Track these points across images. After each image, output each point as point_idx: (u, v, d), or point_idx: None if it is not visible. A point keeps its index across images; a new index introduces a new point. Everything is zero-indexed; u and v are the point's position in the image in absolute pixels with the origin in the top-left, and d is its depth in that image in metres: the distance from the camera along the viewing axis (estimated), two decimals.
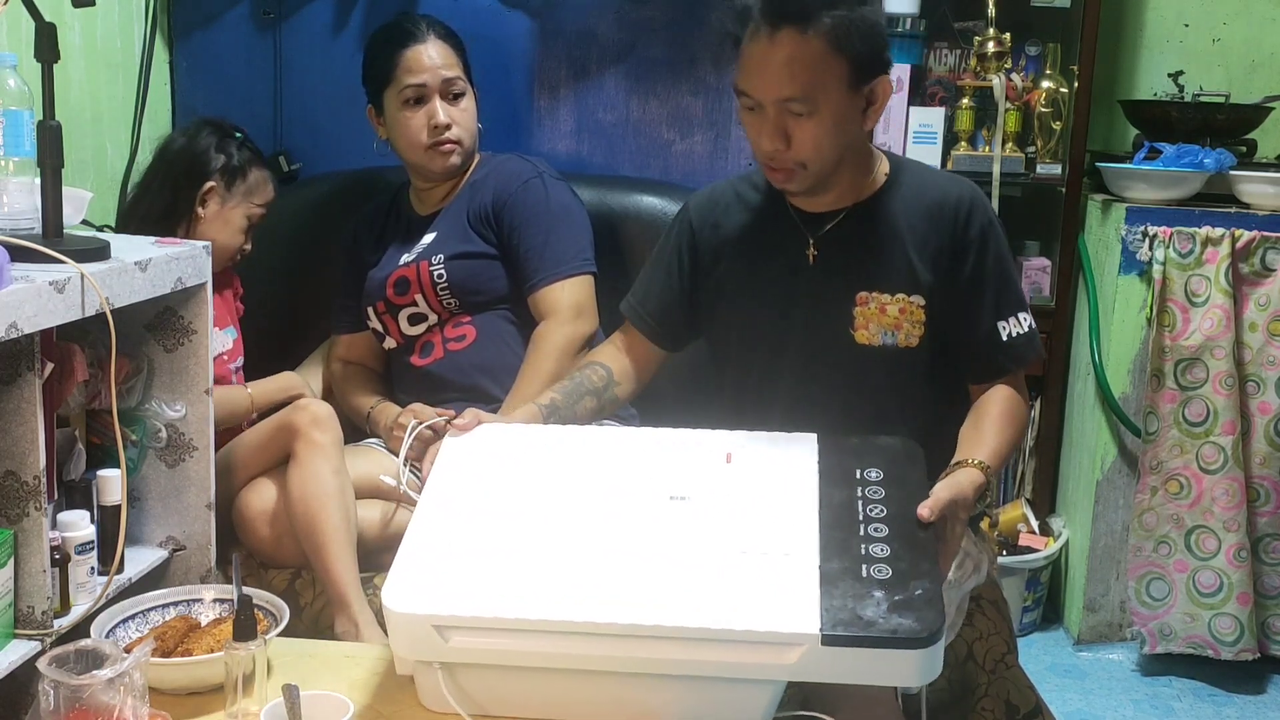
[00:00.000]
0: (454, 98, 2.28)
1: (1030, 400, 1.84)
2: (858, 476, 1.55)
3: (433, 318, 2.29)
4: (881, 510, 1.49)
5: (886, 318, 1.76)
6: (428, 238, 2.31)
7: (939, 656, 1.33)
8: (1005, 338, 1.76)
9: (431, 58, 2.26)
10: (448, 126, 2.26)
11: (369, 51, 2.33)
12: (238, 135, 2.28)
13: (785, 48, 1.61)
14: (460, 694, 1.42)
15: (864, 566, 1.39)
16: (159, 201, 2.21)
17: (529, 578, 1.41)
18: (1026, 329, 1.77)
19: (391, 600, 1.39)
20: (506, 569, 1.43)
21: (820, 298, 1.78)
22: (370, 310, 2.34)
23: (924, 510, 1.47)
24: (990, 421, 1.71)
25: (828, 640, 1.31)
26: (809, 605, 1.34)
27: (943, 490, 1.51)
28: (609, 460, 1.63)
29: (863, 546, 1.42)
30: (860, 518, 1.48)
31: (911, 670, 1.32)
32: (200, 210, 2.21)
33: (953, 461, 1.64)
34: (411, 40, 2.27)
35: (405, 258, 2.31)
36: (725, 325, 1.88)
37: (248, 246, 2.28)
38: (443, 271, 2.25)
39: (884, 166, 1.80)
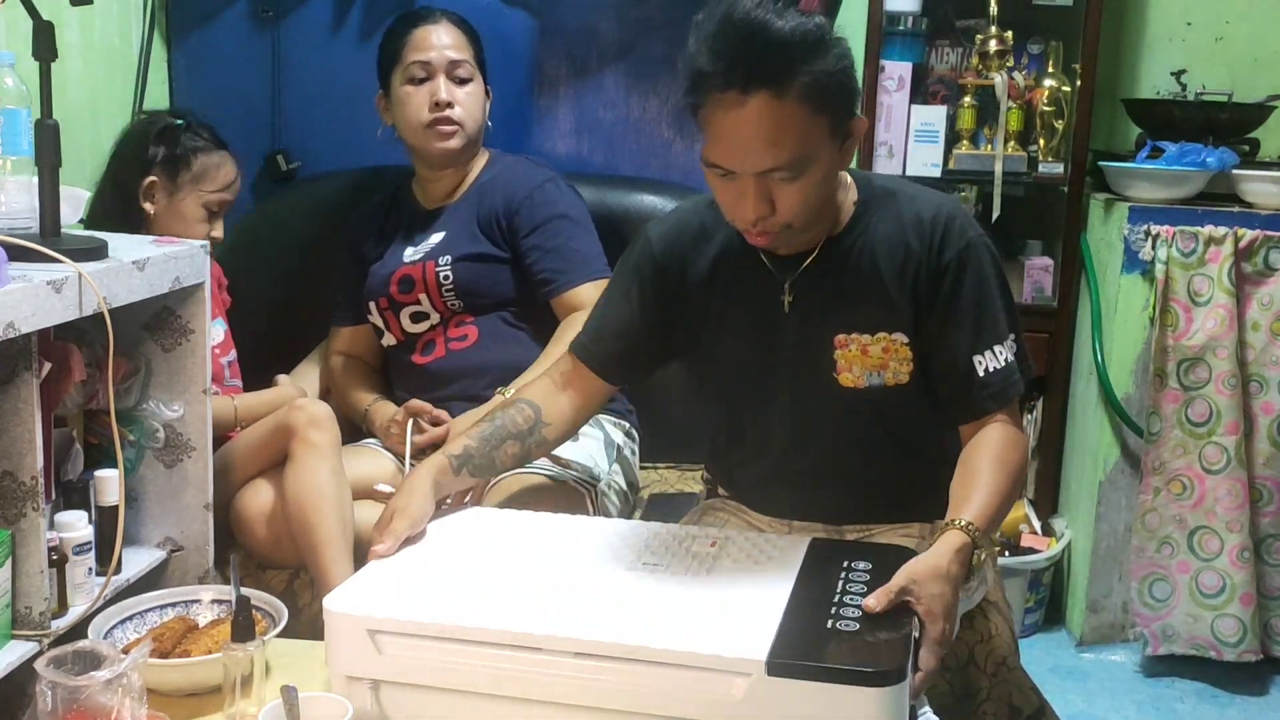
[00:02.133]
0: (460, 81, 2.27)
1: (1025, 429, 1.69)
2: (844, 565, 1.48)
3: (435, 317, 2.29)
4: (862, 589, 1.40)
5: (869, 359, 1.65)
6: (435, 236, 2.30)
7: (902, 702, 1.23)
8: (982, 373, 1.62)
9: (440, 38, 2.27)
10: (449, 105, 2.25)
11: (383, 38, 2.34)
12: (178, 123, 2.22)
13: (762, 116, 1.46)
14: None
15: (830, 621, 1.32)
16: (111, 205, 2.17)
17: (474, 591, 1.39)
18: (1004, 363, 1.62)
19: (331, 602, 1.38)
20: (452, 584, 1.41)
21: (800, 343, 1.67)
22: (372, 305, 2.33)
23: (870, 601, 1.35)
24: (976, 474, 1.56)
25: (774, 669, 1.21)
26: (762, 633, 1.26)
27: (900, 577, 1.37)
28: (587, 538, 1.58)
29: (833, 609, 1.35)
30: (838, 590, 1.40)
31: (871, 713, 1.21)
32: (148, 207, 2.16)
33: (939, 523, 1.51)
34: (423, 21, 2.29)
35: (411, 255, 2.30)
36: (706, 362, 1.77)
37: (216, 234, 2.20)
38: (449, 273, 2.25)
39: (852, 195, 1.67)
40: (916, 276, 1.63)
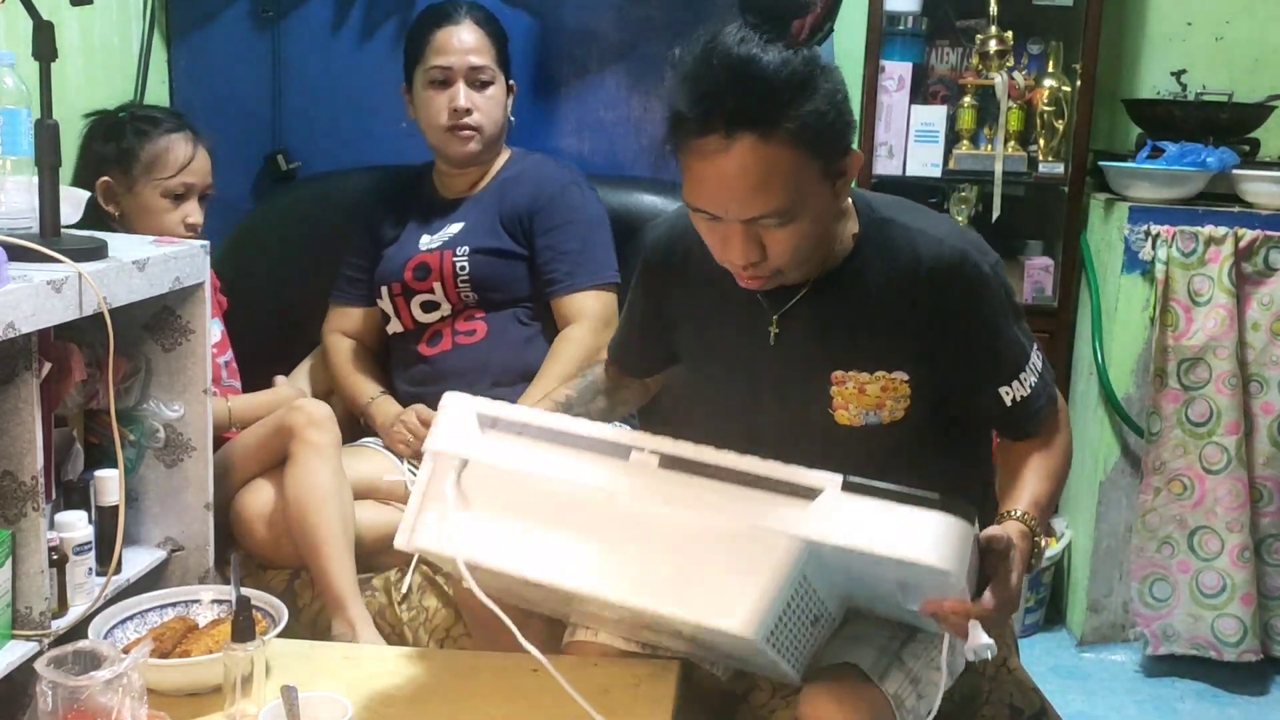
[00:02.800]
0: (480, 85, 2.27)
1: (1065, 425, 1.63)
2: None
3: (446, 308, 2.28)
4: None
5: (867, 398, 1.57)
6: (454, 226, 2.30)
7: (965, 541, 1.30)
8: (1009, 403, 1.57)
9: (463, 41, 2.27)
10: (468, 111, 2.25)
11: (410, 28, 2.34)
12: (121, 115, 2.19)
13: (747, 161, 1.37)
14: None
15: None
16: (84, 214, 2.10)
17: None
18: (1029, 389, 1.57)
19: (448, 399, 1.51)
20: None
21: (789, 378, 1.60)
22: (384, 290, 2.32)
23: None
24: (1020, 478, 1.56)
25: (848, 487, 1.32)
26: (833, 476, 1.36)
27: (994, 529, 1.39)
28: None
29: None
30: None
31: (930, 541, 1.28)
32: (111, 209, 2.12)
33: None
34: (447, 21, 2.29)
35: (428, 242, 2.29)
36: (692, 386, 1.73)
37: (192, 219, 2.15)
38: (466, 264, 2.24)
39: (851, 227, 1.56)
40: (919, 317, 1.53)
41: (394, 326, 2.33)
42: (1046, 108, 2.98)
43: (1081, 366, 3.04)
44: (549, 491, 1.42)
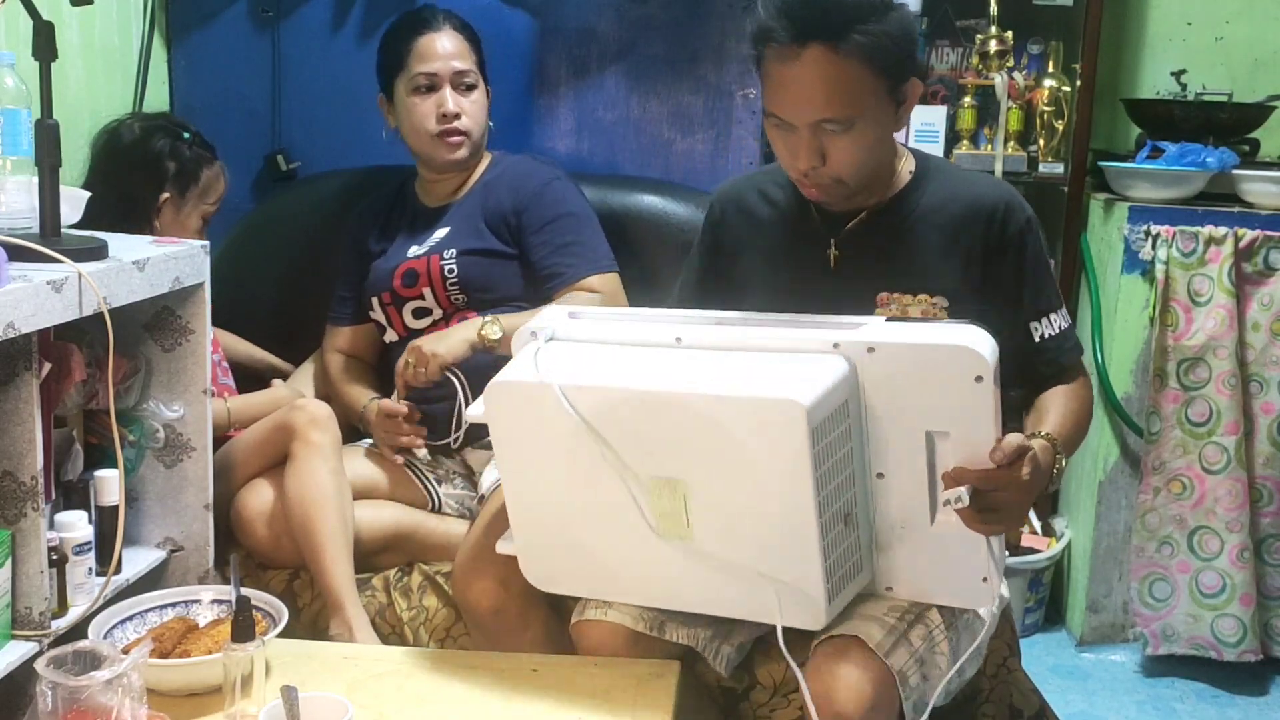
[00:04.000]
0: (465, 89, 2.28)
1: (1090, 392, 1.76)
2: None
3: (438, 312, 2.28)
4: None
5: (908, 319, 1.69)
6: (440, 231, 2.30)
7: (995, 350, 1.45)
8: (1038, 339, 1.72)
9: (445, 47, 2.27)
10: (457, 116, 2.25)
11: (384, 39, 2.34)
12: (186, 135, 2.23)
13: (818, 68, 1.54)
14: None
15: None
16: (110, 208, 2.08)
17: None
18: (1058, 330, 1.74)
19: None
20: None
21: (840, 300, 1.69)
22: (374, 301, 2.32)
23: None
24: (1047, 413, 1.67)
25: (892, 318, 1.55)
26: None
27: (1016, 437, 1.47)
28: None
29: None
30: None
31: (969, 336, 1.44)
32: (156, 222, 2.16)
33: None
34: (426, 28, 2.28)
35: (414, 250, 2.30)
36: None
37: (204, 241, 2.22)
38: (454, 266, 2.24)
39: (909, 164, 1.74)
40: (970, 250, 1.69)
41: (389, 336, 2.34)
42: (1046, 108, 2.98)
43: None
44: (625, 353, 1.56)
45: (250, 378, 2.38)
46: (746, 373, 1.46)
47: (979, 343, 1.44)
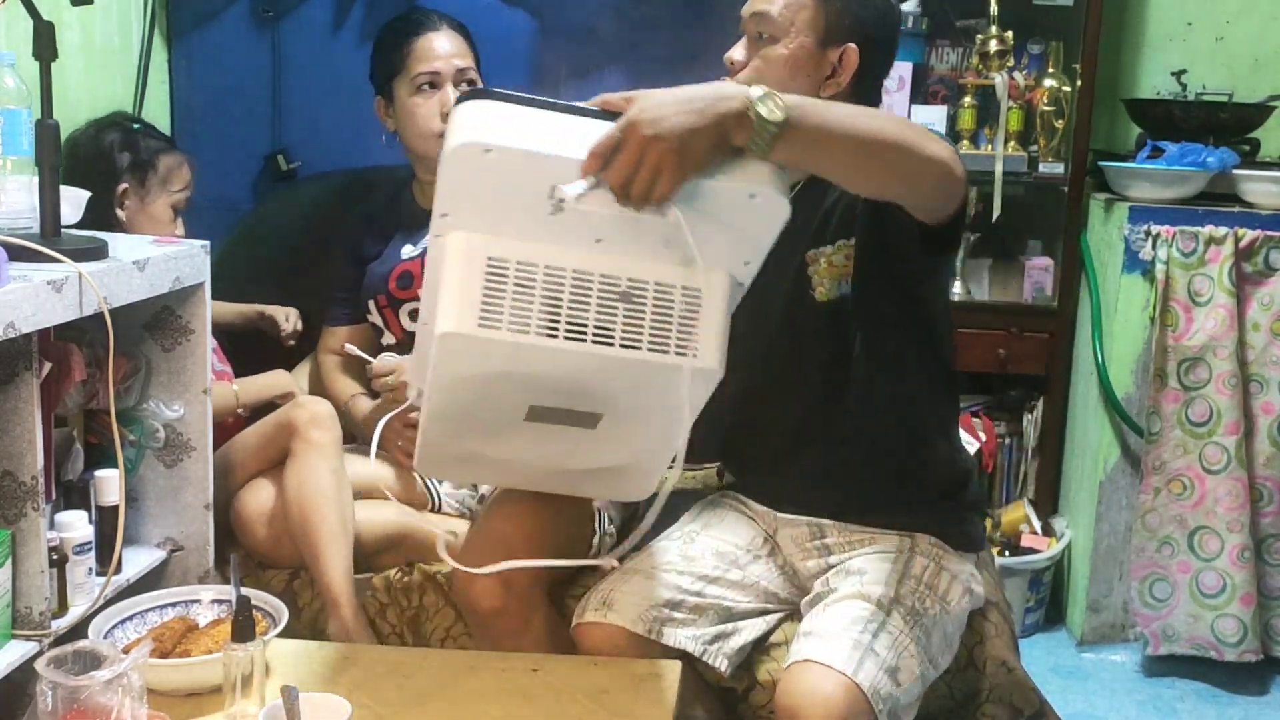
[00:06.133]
0: (466, 87, 2.27)
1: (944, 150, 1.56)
2: None
3: None
4: None
5: (835, 269, 1.74)
6: None
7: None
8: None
9: (445, 46, 2.26)
10: None
11: (379, 42, 2.33)
12: (137, 127, 2.23)
13: None
14: None
15: None
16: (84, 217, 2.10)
17: None
18: None
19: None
20: None
21: (780, 266, 1.69)
22: (371, 304, 2.32)
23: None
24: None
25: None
26: None
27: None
28: None
29: None
30: None
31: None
32: (120, 213, 2.15)
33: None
34: (424, 29, 2.28)
35: (410, 252, 2.30)
36: None
37: (179, 232, 2.21)
38: None
39: None
40: None
41: (386, 339, 2.33)
42: (1046, 108, 2.98)
43: (1081, 366, 3.04)
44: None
45: (248, 354, 2.37)
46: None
47: None
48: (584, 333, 1.40)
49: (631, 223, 1.38)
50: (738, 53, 1.71)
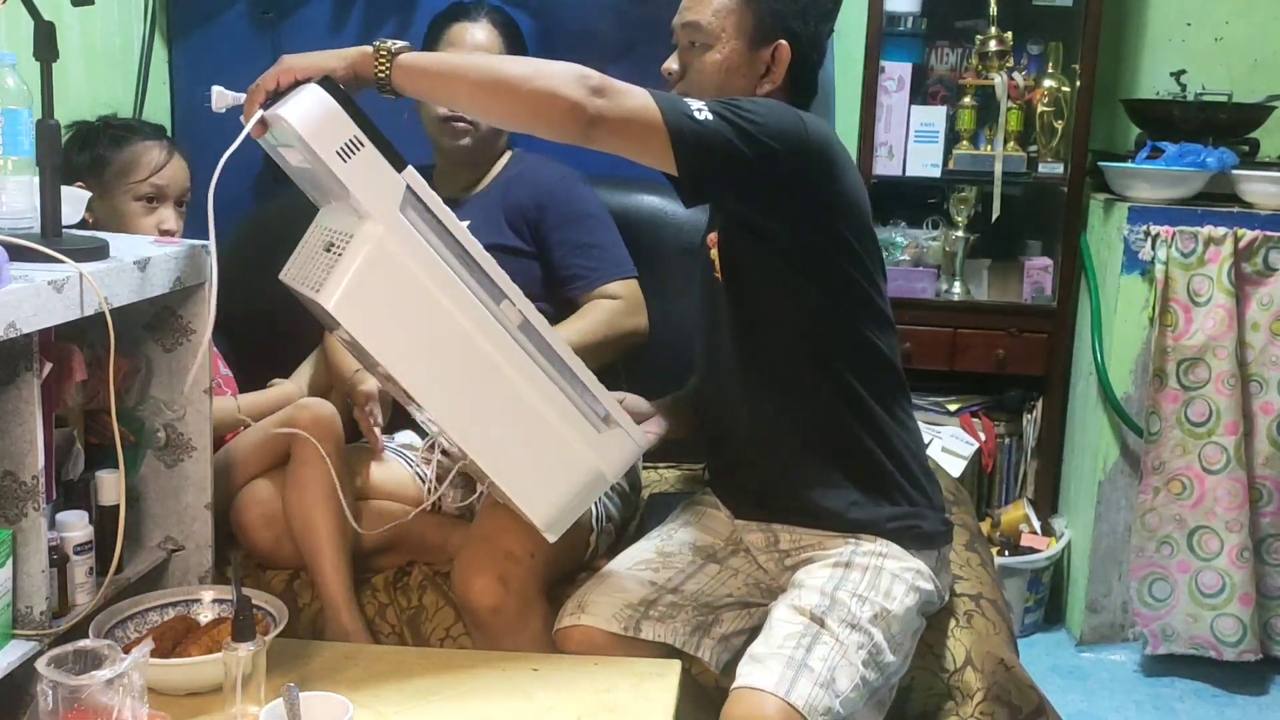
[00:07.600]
0: None
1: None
2: None
3: None
4: None
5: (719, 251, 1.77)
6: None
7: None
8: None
9: (474, 37, 2.26)
10: None
11: (429, 23, 2.34)
12: (95, 123, 2.17)
13: None
14: None
15: None
16: None
17: None
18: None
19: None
20: None
21: (705, 263, 1.81)
22: None
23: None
24: None
25: None
26: None
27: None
28: None
29: None
30: None
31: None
32: (87, 216, 2.05)
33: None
34: (464, 17, 2.29)
35: None
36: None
37: (168, 225, 2.13)
38: None
39: None
40: None
41: None
42: (1046, 108, 2.98)
43: (1081, 366, 3.05)
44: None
45: (250, 377, 2.37)
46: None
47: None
48: None
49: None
50: (673, 63, 1.75)
